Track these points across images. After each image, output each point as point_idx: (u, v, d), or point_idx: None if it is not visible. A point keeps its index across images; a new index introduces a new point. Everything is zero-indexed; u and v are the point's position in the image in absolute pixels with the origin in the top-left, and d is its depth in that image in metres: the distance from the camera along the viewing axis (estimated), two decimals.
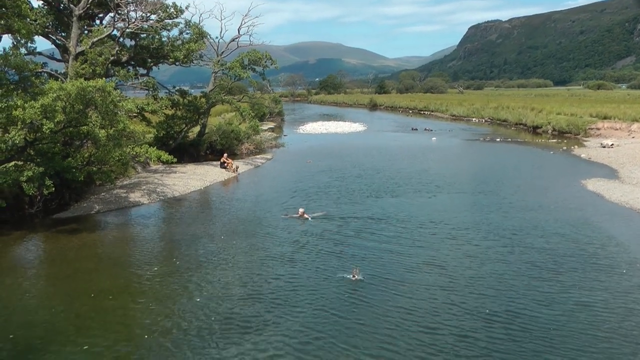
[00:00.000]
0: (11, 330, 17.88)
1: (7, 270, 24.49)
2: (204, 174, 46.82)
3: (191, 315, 18.69)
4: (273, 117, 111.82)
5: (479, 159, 56.47)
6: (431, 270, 22.47)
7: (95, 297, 20.38)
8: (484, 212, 32.06)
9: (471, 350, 15.72)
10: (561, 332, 16.88)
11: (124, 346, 16.67)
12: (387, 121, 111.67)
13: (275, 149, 66.26)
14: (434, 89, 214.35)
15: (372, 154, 58.80)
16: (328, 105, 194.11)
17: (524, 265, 22.96)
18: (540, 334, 16.74)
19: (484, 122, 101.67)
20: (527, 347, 15.91)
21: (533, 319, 17.79)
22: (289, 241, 26.83)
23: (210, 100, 55.31)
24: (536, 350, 15.76)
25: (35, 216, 32.79)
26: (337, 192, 38.89)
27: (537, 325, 17.38)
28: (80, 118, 31.05)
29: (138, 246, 27.73)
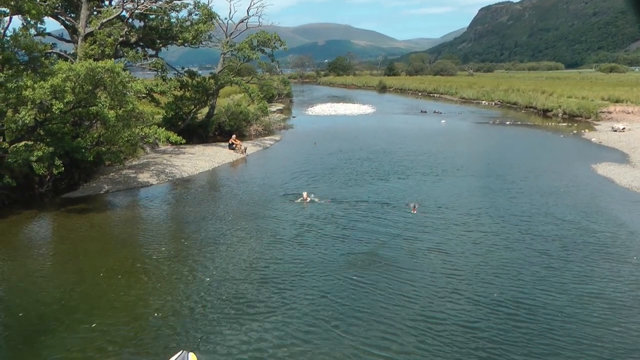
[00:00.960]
0: (21, 308, 18.08)
1: (17, 248, 24.74)
2: (212, 155, 46.98)
3: (199, 295, 18.87)
4: (282, 99, 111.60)
5: (488, 142, 56.20)
6: (436, 256, 22.23)
7: (105, 276, 20.60)
8: (492, 197, 31.89)
9: (475, 339, 15.47)
10: (569, 323, 16.47)
11: (133, 325, 16.83)
12: (396, 103, 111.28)
13: (283, 131, 66.29)
14: (443, 72, 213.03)
15: (381, 137, 58.69)
16: (337, 87, 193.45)
17: (532, 253, 22.55)
18: (547, 324, 16.38)
19: (494, 105, 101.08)
20: (534, 338, 15.62)
21: (540, 308, 17.44)
22: (296, 224, 26.89)
23: (219, 82, 55.28)
24: (543, 341, 15.47)
25: (45, 196, 33.06)
26: (345, 174, 38.90)
27: (544, 314, 17.04)
28: (89, 99, 31.16)
29: (146, 226, 27.93)
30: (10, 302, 18.77)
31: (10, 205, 30.45)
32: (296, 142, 57.63)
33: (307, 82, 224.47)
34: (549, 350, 14.90)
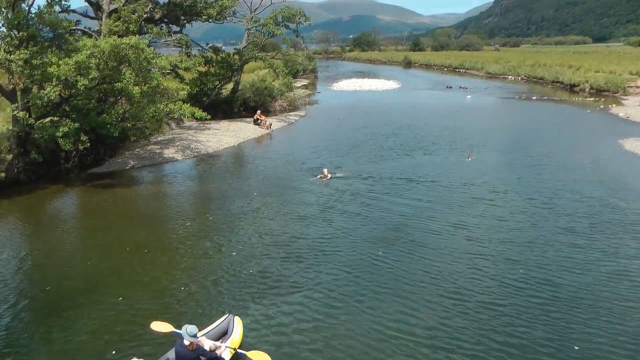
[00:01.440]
0: (48, 281, 18.25)
1: (44, 223, 24.98)
2: (237, 130, 46.99)
3: (224, 270, 18.95)
4: (306, 74, 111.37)
5: (514, 118, 55.64)
6: (460, 233, 21.98)
7: (130, 251, 20.73)
8: (517, 173, 31.53)
9: (496, 318, 15.24)
10: (595, 303, 16.08)
11: (159, 299, 16.95)
12: (422, 79, 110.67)
13: (308, 106, 66.09)
14: (469, 47, 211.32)
15: (406, 112, 58.35)
16: (362, 62, 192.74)
17: (558, 230, 22.14)
18: (572, 303, 16.02)
19: (520, 80, 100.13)
20: (558, 317, 15.32)
21: (566, 287, 17.09)
22: (320, 200, 26.85)
23: (243, 57, 55.20)
24: (567, 321, 15.13)
25: (70, 171, 33.30)
26: (370, 150, 38.77)
27: (569, 293, 16.70)
28: (114, 75, 31.23)
29: (172, 201, 28.05)
30: (38, 276, 18.96)
31: (36, 181, 30.72)
32: (321, 117, 57.46)
33: (332, 58, 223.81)
34: (574, 330, 14.67)
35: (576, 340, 14.18)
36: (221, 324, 14.35)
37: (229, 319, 14.51)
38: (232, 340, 13.68)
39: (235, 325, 14.21)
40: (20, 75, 27.78)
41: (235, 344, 13.58)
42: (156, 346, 13.90)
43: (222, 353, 13.16)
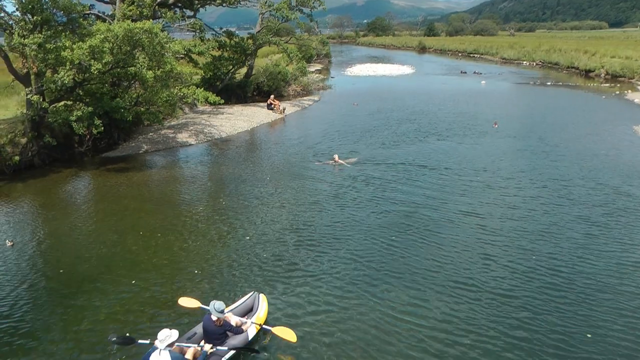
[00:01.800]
0: (62, 264, 18.38)
1: (58, 206, 25.08)
2: (251, 115, 47.00)
3: (238, 254, 19.00)
4: (320, 59, 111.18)
5: (528, 104, 55.15)
6: (472, 220, 21.81)
7: (144, 235, 20.82)
8: (531, 159, 31.29)
9: (507, 306, 15.12)
10: (609, 292, 15.90)
11: (173, 282, 17.04)
12: (436, 64, 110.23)
13: (322, 91, 65.98)
14: (484, 32, 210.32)
15: (420, 98, 58.13)
16: (376, 47, 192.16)
17: (571, 218, 21.86)
18: (585, 294, 15.85)
19: (535, 66, 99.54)
20: (570, 307, 15.18)
21: (578, 277, 16.89)
22: (333, 186, 26.79)
23: (257, 42, 55.13)
24: (580, 310, 15.01)
25: (84, 155, 33.44)
26: (383, 135, 38.66)
27: (582, 283, 16.49)
28: (127, 59, 31.28)
29: (185, 186, 28.09)
30: (53, 258, 19.06)
31: (50, 164, 30.92)
32: (335, 102, 57.40)
33: (346, 43, 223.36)
34: (587, 319, 14.57)
35: (589, 328, 14.11)
36: (247, 301, 14.86)
37: (254, 296, 15.04)
38: (257, 316, 14.18)
39: (261, 303, 14.72)
40: (34, 59, 27.86)
41: (261, 320, 14.11)
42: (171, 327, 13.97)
43: (247, 329, 13.69)
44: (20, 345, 13.77)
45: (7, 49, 28.53)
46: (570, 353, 13.13)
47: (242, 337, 13.45)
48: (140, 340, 12.82)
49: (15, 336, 14.19)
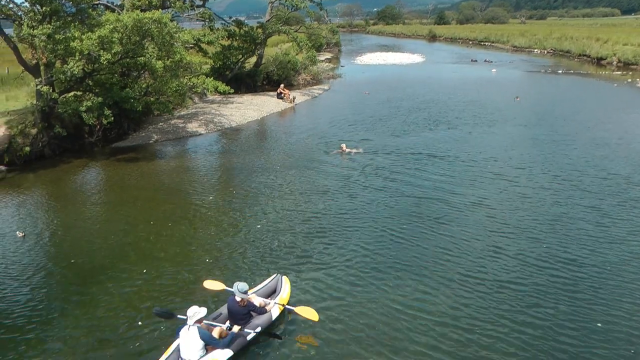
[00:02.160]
0: (73, 254, 18.45)
1: (68, 196, 25.20)
2: (260, 104, 46.94)
3: (248, 243, 19.02)
4: (330, 48, 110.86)
5: (539, 92, 54.76)
6: (481, 210, 21.63)
7: (155, 224, 20.87)
8: (541, 148, 31.00)
9: (518, 299, 14.91)
10: (620, 283, 15.66)
11: (184, 272, 17.08)
12: (447, 53, 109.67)
13: (332, 80, 65.76)
14: (495, 20, 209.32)
15: (430, 86, 57.85)
16: (386, 36, 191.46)
17: (582, 209, 21.55)
18: (596, 284, 15.62)
19: (546, 54, 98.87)
20: (580, 296, 15.01)
21: (589, 267, 16.64)
22: (342, 175, 26.67)
23: (266, 31, 55.02)
24: (590, 300, 14.84)
25: (94, 145, 33.54)
26: (393, 124, 38.52)
27: (593, 274, 16.26)
28: (137, 49, 31.30)
29: (195, 175, 28.15)
30: (64, 248, 19.15)
31: (61, 154, 31.04)
32: (345, 91, 57.30)
33: (356, 31, 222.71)
34: (598, 309, 14.44)
35: (599, 318, 14.02)
36: (270, 283, 15.30)
37: (277, 278, 15.48)
38: (280, 297, 14.61)
39: (284, 284, 15.14)
40: (43, 50, 27.86)
41: (284, 301, 14.54)
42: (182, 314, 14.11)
43: (271, 309, 14.08)
44: (36, 333, 13.86)
45: (16, 40, 28.60)
46: (581, 342, 13.07)
47: (266, 317, 13.87)
48: (180, 315, 13.26)
49: (30, 324, 14.29)
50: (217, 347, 12.69)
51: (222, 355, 12.65)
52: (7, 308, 15.05)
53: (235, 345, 12.95)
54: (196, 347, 12.42)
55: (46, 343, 13.44)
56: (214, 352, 12.62)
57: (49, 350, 13.17)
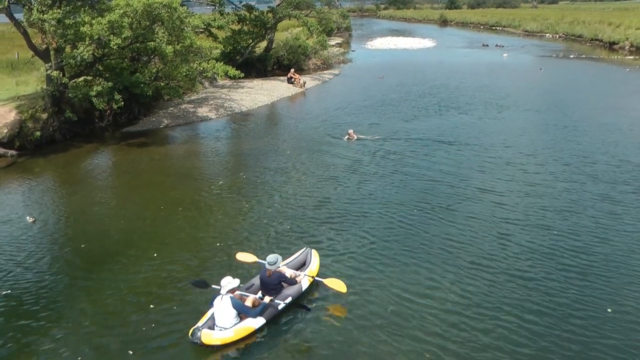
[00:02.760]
0: (84, 239, 18.50)
1: (79, 181, 25.30)
2: (271, 89, 46.88)
3: (259, 228, 19.04)
4: (341, 33, 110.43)
5: (550, 77, 54.27)
6: (490, 198, 21.31)
7: (165, 209, 20.88)
8: (551, 134, 30.71)
9: (525, 289, 14.69)
10: (631, 272, 15.42)
11: (195, 254, 17.17)
12: (458, 37, 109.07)
13: (342, 65, 65.53)
14: (506, 4, 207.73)
15: (441, 71, 57.53)
16: (397, 20, 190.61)
17: (593, 197, 21.18)
18: (606, 273, 15.34)
19: (558, 38, 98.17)
20: (590, 284, 14.85)
21: (599, 257, 16.35)
22: (351, 161, 26.52)
23: (277, 15, 54.80)
24: (600, 288, 14.63)
25: (105, 129, 33.55)
26: (404, 109, 38.42)
27: (603, 263, 15.96)
28: (147, 34, 31.25)
29: (206, 160, 28.19)
30: (74, 233, 19.23)
31: (71, 139, 31.05)
32: (355, 76, 57.07)
33: (367, 16, 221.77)
34: (607, 297, 14.30)
35: (609, 304, 13.93)
36: (300, 256, 15.99)
37: (307, 251, 16.16)
38: (310, 269, 15.27)
39: (313, 257, 15.83)
40: (53, 35, 27.86)
41: (313, 273, 15.18)
42: (194, 296, 14.30)
43: (301, 280, 14.72)
44: (46, 317, 13.91)
45: (26, 25, 28.59)
46: (590, 328, 13.03)
47: (297, 288, 14.43)
48: (214, 285, 13.83)
49: (41, 308, 14.33)
50: (249, 315, 13.22)
51: (254, 323, 13.19)
52: (17, 293, 15.09)
53: (267, 314, 13.47)
54: (230, 316, 12.99)
55: (57, 328, 13.48)
56: (247, 320, 13.15)
57: (60, 335, 13.21)
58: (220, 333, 12.76)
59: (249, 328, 13.05)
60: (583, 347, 12.42)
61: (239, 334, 12.87)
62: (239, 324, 13.03)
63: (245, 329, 13.00)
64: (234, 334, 12.80)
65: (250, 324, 13.13)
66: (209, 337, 12.58)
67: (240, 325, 13.02)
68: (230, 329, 12.88)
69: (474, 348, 12.39)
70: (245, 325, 13.05)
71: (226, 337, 12.72)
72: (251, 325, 13.11)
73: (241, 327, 12.98)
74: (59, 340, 12.97)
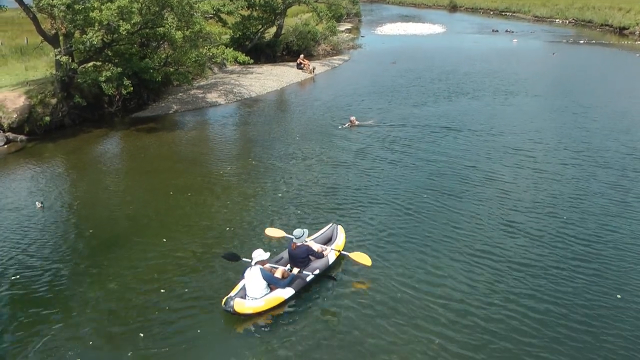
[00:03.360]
0: (93, 224, 18.59)
1: (88, 166, 25.38)
2: (280, 74, 46.79)
3: (269, 211, 19.22)
4: (350, 18, 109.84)
5: (560, 62, 54.16)
6: (497, 186, 21.08)
7: (174, 194, 20.94)
8: (561, 121, 30.61)
9: (531, 279, 14.62)
10: None
11: (205, 238, 17.28)
12: (467, 23, 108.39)
13: (352, 50, 65.15)
14: None
15: (451, 57, 57.16)
16: (406, 6, 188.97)
17: (603, 185, 20.97)
18: (616, 262, 15.26)
19: (568, 24, 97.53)
20: (599, 271, 14.83)
21: (609, 248, 16.21)
22: (359, 147, 26.48)
23: (286, 1, 54.47)
24: (609, 275, 14.61)
25: (114, 115, 33.54)
26: (413, 95, 38.37)
27: (612, 252, 15.89)
28: (156, 20, 31.20)
29: (215, 145, 28.21)
30: (83, 218, 19.34)
31: (81, 124, 31.05)
32: (365, 62, 56.85)
33: (376, 2, 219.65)
34: (616, 283, 14.31)
35: (618, 291, 13.95)
36: (326, 232, 16.77)
37: (333, 227, 16.93)
38: (336, 244, 16.06)
39: (339, 233, 16.60)
40: (62, 20, 27.81)
41: (339, 247, 15.92)
42: (204, 282, 14.47)
43: (328, 254, 15.53)
44: (56, 303, 13.98)
45: (35, 10, 28.52)
46: (599, 314, 13.06)
47: (324, 261, 15.24)
48: (244, 259, 14.74)
49: (51, 293, 14.43)
50: (279, 286, 13.98)
51: (284, 293, 13.95)
52: (27, 280, 15.15)
53: (296, 285, 14.22)
54: (260, 286, 13.71)
55: (67, 312, 13.57)
56: (277, 291, 13.92)
57: (70, 320, 13.30)
58: (252, 302, 13.47)
59: (278, 298, 13.81)
60: (592, 333, 12.45)
61: (269, 304, 13.61)
62: (269, 294, 13.77)
63: (275, 299, 13.75)
64: (264, 303, 13.53)
65: (280, 294, 13.89)
66: (242, 306, 13.31)
67: (271, 295, 13.77)
68: (261, 298, 13.60)
69: (481, 335, 12.47)
70: (275, 295, 13.80)
71: (257, 306, 13.45)
72: (281, 296, 13.87)
73: (271, 297, 13.72)
74: (69, 325, 13.07)
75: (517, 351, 11.95)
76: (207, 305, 13.77)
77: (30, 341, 12.56)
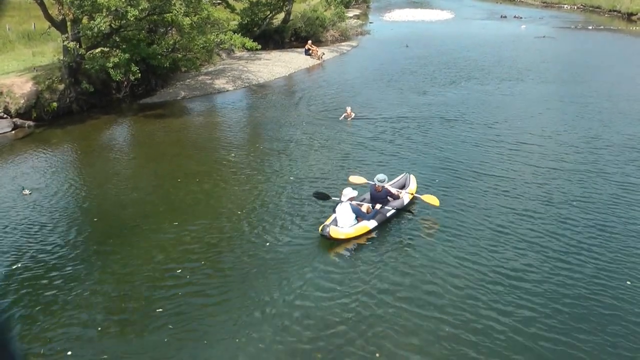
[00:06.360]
0: (101, 210, 18.71)
1: (97, 152, 25.38)
2: (288, 60, 46.68)
3: (278, 196, 19.29)
4: (359, 4, 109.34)
5: (568, 48, 53.89)
6: (500, 181, 20.41)
7: (183, 180, 20.94)
8: (568, 109, 30.31)
9: (542, 261, 14.66)
10: None
11: (215, 222, 17.35)
12: (476, 9, 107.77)
13: (360, 37, 64.90)
14: None
15: (459, 43, 56.73)
16: None
17: (613, 171, 20.85)
18: (628, 251, 15.12)
19: (576, 9, 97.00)
20: (608, 260, 14.69)
21: (619, 233, 16.11)
22: (367, 137, 26.17)
23: None
24: (619, 263, 14.50)
25: (122, 101, 33.52)
26: (420, 81, 38.28)
27: (623, 241, 15.72)
28: (164, 6, 31.08)
29: (223, 131, 28.15)
30: (91, 204, 19.33)
31: (88, 110, 31.04)
32: (373, 48, 56.63)
33: None
34: (627, 270, 14.25)
35: (628, 277, 13.92)
36: (401, 179, 19.62)
37: (406, 176, 19.77)
38: (409, 188, 18.96)
39: (412, 180, 19.47)
40: (70, 6, 27.75)
41: (412, 191, 18.81)
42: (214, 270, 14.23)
43: (403, 196, 18.34)
44: (64, 289, 14.00)
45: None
46: (609, 300, 13.03)
47: (399, 201, 17.99)
48: (334, 197, 17.63)
49: (59, 279, 14.44)
50: (364, 219, 16.83)
51: (369, 224, 16.82)
52: (34, 265, 15.16)
53: (378, 218, 17.08)
54: (349, 218, 16.52)
55: (74, 297, 13.60)
56: (363, 222, 16.74)
57: (78, 305, 13.33)
58: (344, 230, 16.20)
59: (365, 227, 16.63)
60: (602, 319, 12.43)
61: (358, 232, 16.41)
62: (357, 224, 16.54)
63: (362, 228, 16.55)
64: (354, 231, 16.33)
65: (366, 224, 16.72)
66: (336, 232, 16.05)
67: (359, 225, 16.55)
68: (351, 227, 16.36)
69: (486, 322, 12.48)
70: (362, 225, 16.61)
71: (348, 232, 16.22)
72: (366, 225, 16.71)
73: (359, 226, 16.52)
74: (78, 312, 13.10)
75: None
76: (219, 284, 14.04)
77: (42, 326, 12.61)
